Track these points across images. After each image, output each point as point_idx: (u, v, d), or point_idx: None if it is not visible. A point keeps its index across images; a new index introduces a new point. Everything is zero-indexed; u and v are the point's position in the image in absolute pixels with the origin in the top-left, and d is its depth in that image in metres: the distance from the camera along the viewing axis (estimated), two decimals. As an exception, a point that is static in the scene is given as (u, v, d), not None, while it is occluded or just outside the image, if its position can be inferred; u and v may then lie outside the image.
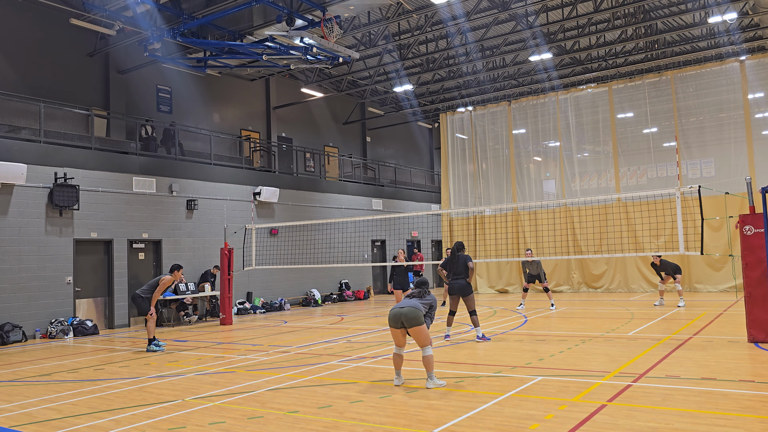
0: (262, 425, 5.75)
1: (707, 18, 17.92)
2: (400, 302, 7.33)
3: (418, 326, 7.05)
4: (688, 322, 12.15)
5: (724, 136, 19.93)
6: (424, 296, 7.47)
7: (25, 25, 16.00)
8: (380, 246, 25.06)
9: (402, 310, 7.11)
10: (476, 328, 10.58)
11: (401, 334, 7.21)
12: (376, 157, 28.00)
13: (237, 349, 11.00)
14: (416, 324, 7.04)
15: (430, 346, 7.12)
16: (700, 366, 7.72)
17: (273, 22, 15.20)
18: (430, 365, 7.04)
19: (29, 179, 14.00)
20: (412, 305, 7.16)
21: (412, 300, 7.33)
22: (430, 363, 7.04)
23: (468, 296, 10.43)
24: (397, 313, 7.15)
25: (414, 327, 7.05)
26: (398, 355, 7.32)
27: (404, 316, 7.06)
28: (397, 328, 7.18)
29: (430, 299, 7.49)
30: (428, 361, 7.05)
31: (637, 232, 20.07)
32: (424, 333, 7.09)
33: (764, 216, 8.86)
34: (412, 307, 7.11)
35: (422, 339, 7.09)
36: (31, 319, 13.87)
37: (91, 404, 6.89)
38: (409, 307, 7.12)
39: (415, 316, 7.05)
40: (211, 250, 17.78)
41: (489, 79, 24.06)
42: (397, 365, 7.33)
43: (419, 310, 7.11)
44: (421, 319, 7.07)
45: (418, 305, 7.20)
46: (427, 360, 7.06)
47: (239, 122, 21.95)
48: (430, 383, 7.01)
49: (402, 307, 7.16)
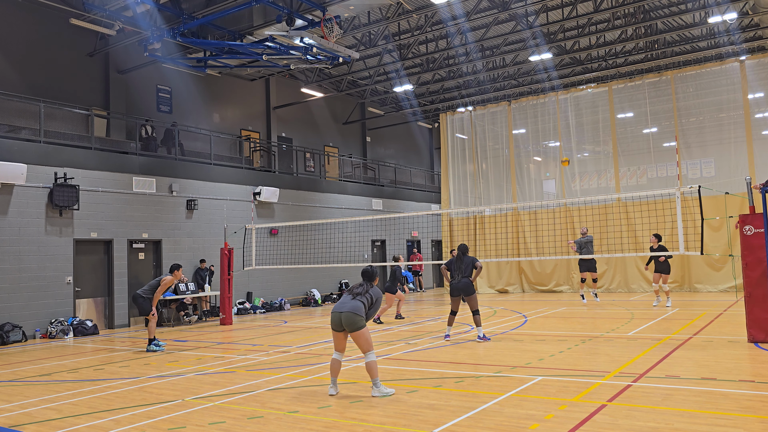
0: (262, 425, 5.75)
1: (707, 18, 17.92)
2: (342, 301, 6.96)
3: (357, 331, 6.71)
4: (688, 322, 12.15)
5: (724, 136, 19.92)
6: (365, 292, 6.99)
7: (25, 25, 16.00)
8: (380, 246, 25.06)
9: (341, 314, 6.78)
10: (478, 327, 10.55)
11: (343, 336, 6.91)
12: (376, 157, 28.01)
13: (237, 349, 11.00)
14: (356, 328, 6.71)
15: (373, 351, 6.80)
16: (700, 366, 7.72)
17: (273, 22, 15.20)
18: (374, 371, 6.72)
19: (29, 179, 14.00)
20: (352, 308, 6.76)
21: (354, 300, 6.88)
22: (373, 369, 6.72)
23: (471, 296, 10.40)
24: (337, 317, 6.83)
25: (354, 332, 6.72)
26: (336, 360, 6.93)
27: (344, 320, 6.74)
28: (338, 331, 6.88)
29: (373, 295, 7.01)
30: (371, 367, 6.72)
31: (637, 232, 20.06)
32: (364, 337, 6.74)
33: (764, 216, 8.86)
34: (351, 312, 6.73)
35: (363, 344, 6.75)
36: (31, 319, 13.87)
37: (91, 404, 6.89)
38: (348, 311, 6.75)
39: (353, 321, 6.70)
40: (211, 250, 17.78)
41: (489, 79, 24.06)
42: (333, 371, 6.92)
43: (359, 315, 6.73)
44: (361, 323, 6.71)
45: (359, 307, 6.79)
46: (370, 366, 6.72)
47: (239, 122, 21.95)
48: (376, 391, 6.67)
49: (341, 310, 6.80)
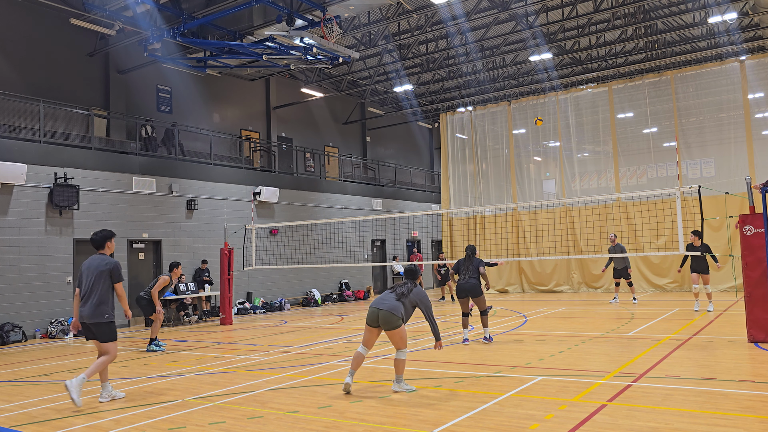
0: (262, 425, 5.75)
1: (707, 18, 17.92)
2: (382, 297, 6.93)
3: (393, 330, 6.73)
4: (688, 322, 12.15)
5: (724, 136, 19.92)
6: (409, 293, 6.94)
7: (25, 25, 16.00)
8: (380, 246, 25.06)
9: (380, 311, 6.77)
10: (485, 328, 10.39)
11: (375, 332, 6.91)
12: (376, 157, 28.00)
13: (237, 349, 11.00)
14: (392, 328, 6.73)
15: (406, 349, 6.85)
16: (700, 366, 7.72)
17: (273, 22, 15.21)
18: (401, 368, 6.79)
19: (29, 179, 14.00)
20: (391, 308, 6.75)
21: (396, 300, 6.86)
22: (399, 366, 6.78)
23: (479, 297, 10.17)
24: (374, 313, 6.82)
25: (390, 330, 6.76)
26: (360, 354, 6.93)
27: (381, 318, 6.76)
28: (373, 326, 6.87)
29: (415, 296, 6.97)
30: (398, 364, 6.79)
31: (637, 232, 20.06)
32: (399, 335, 6.77)
33: (764, 216, 8.85)
34: (389, 312, 6.73)
35: (398, 341, 6.80)
36: (31, 319, 13.88)
37: (91, 404, 6.88)
38: (387, 310, 6.74)
39: (391, 320, 6.71)
40: (211, 250, 17.78)
41: (489, 79, 24.07)
42: (354, 363, 6.92)
43: (396, 315, 6.73)
44: (398, 322, 6.72)
45: (398, 308, 6.78)
46: (398, 363, 6.79)
47: (239, 122, 21.95)
48: (397, 386, 6.79)
49: (381, 307, 6.79)
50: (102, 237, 7.21)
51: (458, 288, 10.28)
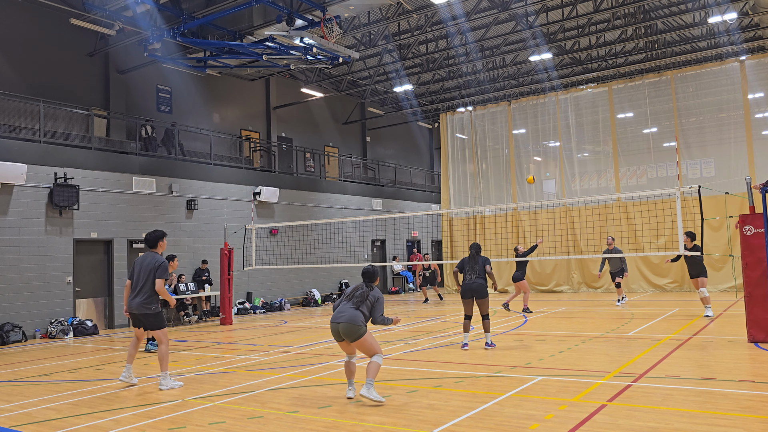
0: (262, 425, 5.75)
1: (707, 18, 17.92)
2: (340, 309, 6.60)
3: (359, 339, 6.42)
4: (688, 322, 12.16)
5: (724, 136, 19.92)
6: (366, 299, 6.60)
7: (25, 25, 16.00)
8: (380, 246, 25.06)
9: (339, 325, 6.47)
10: (486, 333, 9.83)
11: (346, 344, 6.61)
12: (376, 157, 28.01)
13: (237, 349, 11.00)
14: (357, 338, 6.42)
15: (380, 354, 6.48)
16: (700, 366, 7.72)
17: (273, 22, 15.21)
18: (372, 371, 6.36)
19: (29, 179, 13.99)
20: (350, 319, 6.43)
21: (353, 309, 6.52)
22: (373, 369, 6.37)
23: (484, 299, 9.63)
24: (335, 328, 6.54)
25: (355, 341, 6.44)
26: (349, 363, 6.71)
27: (342, 331, 6.46)
28: (339, 341, 6.62)
29: (372, 299, 6.62)
30: (371, 367, 6.38)
31: (637, 232, 20.06)
32: (368, 344, 6.44)
33: (764, 216, 8.85)
34: (348, 323, 6.41)
35: (367, 350, 6.47)
36: (31, 319, 13.87)
37: (91, 404, 6.89)
38: (346, 322, 6.42)
39: (352, 331, 6.40)
40: (211, 250, 17.77)
41: (489, 79, 24.06)
42: (348, 374, 6.70)
43: (357, 324, 6.40)
44: (361, 331, 6.40)
45: (357, 317, 6.45)
46: (371, 365, 6.39)
47: (239, 122, 21.95)
48: (365, 390, 6.30)
49: (339, 321, 6.48)
50: (155, 237, 7.97)
51: (463, 288, 9.70)
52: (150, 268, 7.63)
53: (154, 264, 7.65)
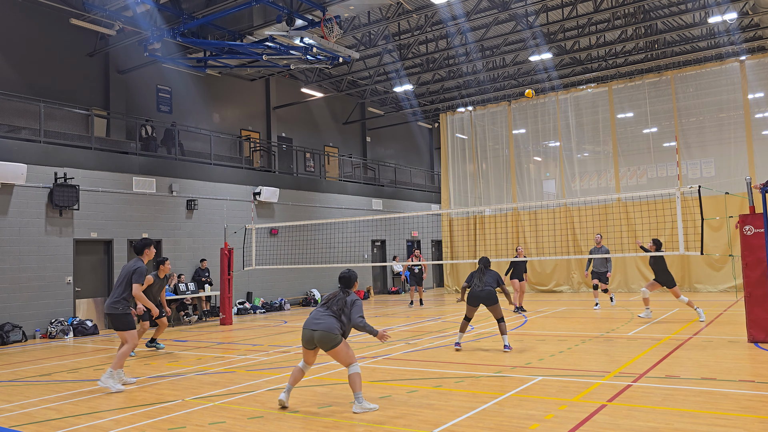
0: (262, 425, 5.75)
1: (707, 18, 17.91)
2: (315, 315, 6.28)
3: (334, 349, 6.10)
4: (688, 322, 12.16)
5: (724, 136, 19.93)
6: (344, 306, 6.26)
7: (25, 25, 16.00)
8: (380, 246, 25.06)
9: (315, 332, 6.14)
10: (504, 336, 9.56)
11: (313, 353, 6.33)
12: (376, 157, 28.01)
13: (237, 349, 11.00)
14: (332, 347, 6.10)
15: (356, 363, 6.17)
16: (700, 366, 7.72)
17: (273, 22, 15.21)
18: (356, 385, 6.08)
19: (29, 179, 13.99)
20: (327, 327, 6.11)
21: (330, 318, 6.20)
22: (355, 382, 6.08)
23: (495, 305, 9.48)
24: (309, 334, 6.20)
25: (331, 350, 6.13)
26: (300, 370, 6.41)
27: (317, 339, 6.13)
28: (309, 349, 6.28)
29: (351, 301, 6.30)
30: (353, 380, 6.08)
31: (637, 232, 20.05)
32: (343, 353, 6.13)
33: (764, 216, 8.85)
34: (325, 331, 6.09)
35: (343, 359, 6.16)
36: (31, 319, 13.87)
37: (91, 404, 6.89)
38: (321, 330, 6.10)
39: (329, 340, 6.08)
40: (211, 250, 17.78)
41: (489, 79, 24.06)
42: (292, 379, 6.39)
43: (334, 333, 6.09)
44: (337, 340, 6.08)
45: (334, 326, 6.13)
46: (353, 378, 6.09)
47: (239, 122, 21.95)
48: (357, 407, 6.03)
49: (315, 328, 6.15)
50: (141, 245, 8.16)
51: (471, 295, 9.56)
52: (127, 272, 7.89)
53: (131, 269, 7.89)
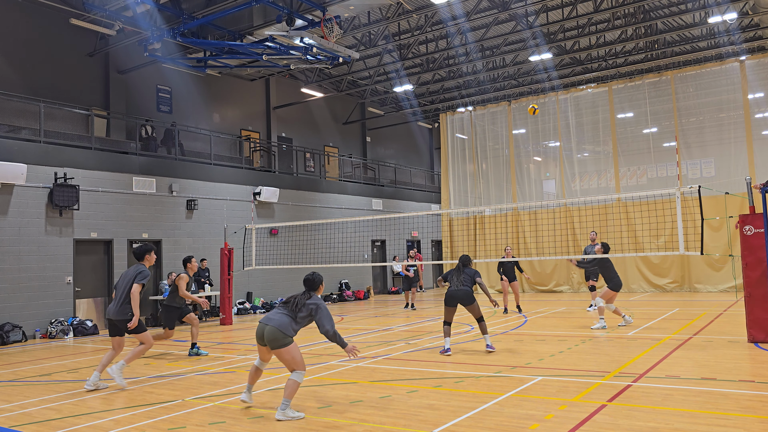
0: (262, 425, 5.75)
1: (707, 18, 17.92)
2: (271, 312, 6.20)
3: (280, 348, 5.94)
4: (688, 322, 12.16)
5: (724, 136, 19.92)
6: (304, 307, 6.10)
7: (25, 25, 16.00)
8: (380, 246, 25.06)
9: (265, 327, 6.00)
10: (485, 335, 9.51)
11: (267, 350, 6.20)
12: (376, 157, 28.01)
13: (237, 349, 11.00)
14: (277, 346, 5.94)
15: (301, 371, 5.99)
16: (700, 366, 7.72)
17: (273, 22, 15.21)
18: (290, 391, 5.92)
19: (29, 179, 14.00)
20: (280, 325, 5.96)
21: (284, 317, 6.07)
22: (290, 389, 5.92)
23: (472, 305, 9.36)
24: (260, 329, 6.07)
25: (276, 349, 5.96)
26: (256, 368, 6.36)
27: (266, 335, 5.98)
28: (260, 345, 6.14)
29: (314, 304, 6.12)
30: (290, 386, 5.93)
31: (637, 232, 20.06)
32: (289, 355, 5.96)
33: (764, 216, 8.86)
34: (275, 328, 5.94)
35: (288, 362, 6.00)
36: (31, 319, 13.87)
37: (91, 404, 6.89)
38: (272, 326, 5.96)
39: (276, 338, 5.92)
40: (211, 250, 17.78)
41: (489, 79, 24.07)
42: (250, 378, 6.36)
43: (284, 333, 5.94)
44: (286, 341, 5.93)
45: (287, 324, 6.00)
46: (289, 384, 5.94)
47: (239, 122, 21.96)
48: (280, 413, 5.86)
49: (266, 323, 6.03)
50: (142, 250, 8.08)
51: (448, 295, 9.42)
52: (130, 277, 7.86)
53: (133, 273, 7.86)
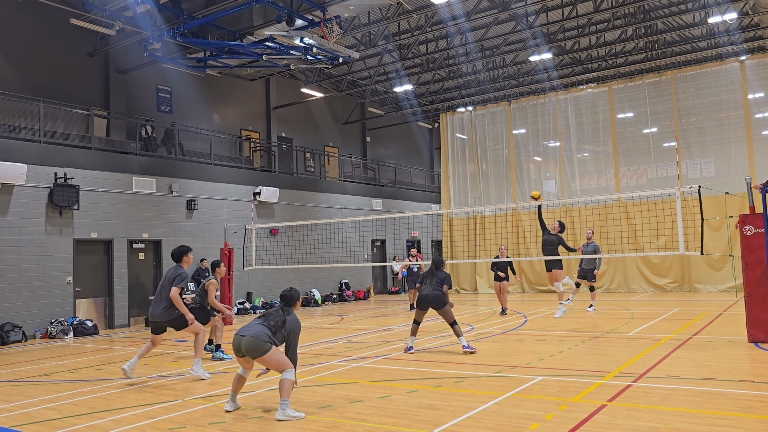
0: (262, 425, 5.75)
1: (707, 18, 17.92)
2: (248, 323, 6.23)
3: (262, 356, 5.98)
4: (688, 322, 12.16)
5: (724, 136, 19.94)
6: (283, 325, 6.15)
7: (25, 25, 16.00)
8: (380, 246, 25.06)
9: (242, 338, 6.04)
10: (460, 338, 9.32)
11: (245, 360, 6.22)
12: (376, 157, 28.00)
13: (237, 349, 10.97)
14: (259, 354, 5.98)
15: (291, 369, 6.03)
16: (700, 366, 7.72)
17: (273, 22, 15.21)
18: (285, 390, 5.93)
19: (29, 179, 14.00)
20: (254, 333, 6.02)
21: (259, 326, 6.12)
22: (285, 387, 5.93)
23: (443, 308, 9.23)
24: (237, 341, 6.09)
25: (258, 357, 6.01)
26: (240, 376, 6.35)
27: (244, 346, 6.02)
28: (239, 356, 6.17)
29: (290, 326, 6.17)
30: (284, 385, 5.94)
31: (637, 232, 20.07)
32: (274, 360, 6.01)
33: (764, 216, 8.85)
34: (252, 337, 5.98)
35: (275, 366, 6.04)
36: (31, 319, 13.87)
37: (91, 404, 6.89)
38: (249, 336, 6.00)
39: (255, 346, 5.97)
40: (211, 250, 17.77)
41: (489, 79, 24.06)
42: (235, 387, 6.36)
43: (261, 340, 5.98)
44: (264, 348, 5.96)
45: (262, 332, 6.03)
46: (283, 383, 5.95)
47: (239, 122, 21.96)
48: (280, 414, 5.88)
49: (243, 334, 6.07)
50: (179, 252, 8.42)
51: (420, 299, 9.39)
52: (168, 280, 8.16)
53: (172, 276, 8.15)
